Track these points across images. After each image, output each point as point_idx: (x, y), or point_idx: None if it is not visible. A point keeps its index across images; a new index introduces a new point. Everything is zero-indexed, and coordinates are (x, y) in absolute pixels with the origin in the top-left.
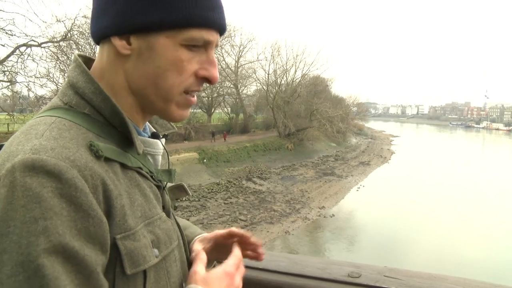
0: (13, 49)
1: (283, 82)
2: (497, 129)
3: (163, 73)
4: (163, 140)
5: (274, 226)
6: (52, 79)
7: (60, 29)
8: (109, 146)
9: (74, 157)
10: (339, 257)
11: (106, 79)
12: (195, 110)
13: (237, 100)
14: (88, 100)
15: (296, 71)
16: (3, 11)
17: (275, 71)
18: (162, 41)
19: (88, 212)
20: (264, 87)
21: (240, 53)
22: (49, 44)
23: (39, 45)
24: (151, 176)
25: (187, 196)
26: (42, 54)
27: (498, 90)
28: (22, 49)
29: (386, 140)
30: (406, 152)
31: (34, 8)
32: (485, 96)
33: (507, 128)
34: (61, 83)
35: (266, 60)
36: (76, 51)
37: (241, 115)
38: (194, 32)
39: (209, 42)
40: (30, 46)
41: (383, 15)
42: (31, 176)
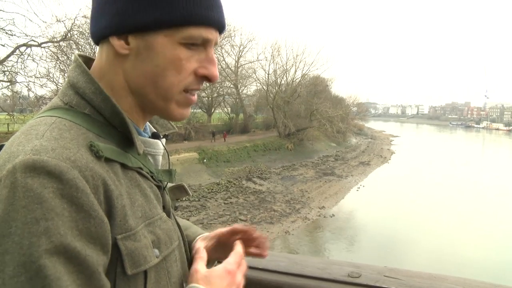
0: (13, 49)
1: (283, 82)
2: (497, 129)
3: (162, 72)
4: (164, 140)
5: (274, 226)
6: (52, 79)
7: (60, 29)
8: (110, 147)
9: (75, 158)
10: (339, 257)
11: (106, 79)
12: (195, 110)
13: (237, 100)
14: (89, 100)
15: (296, 71)
16: (3, 11)
17: (275, 71)
18: (160, 40)
19: (89, 213)
20: (264, 87)
21: (240, 53)
22: (49, 44)
23: (39, 45)
24: (152, 176)
25: (187, 196)
26: (42, 54)
27: (498, 90)
28: (22, 49)
29: (386, 140)
30: (406, 152)
31: (34, 8)
32: (485, 96)
33: (507, 128)
34: (61, 83)
35: (266, 60)
36: (76, 51)
37: (241, 115)
38: (193, 31)
39: (208, 40)
40: (30, 46)
41: (383, 15)
42: (32, 177)
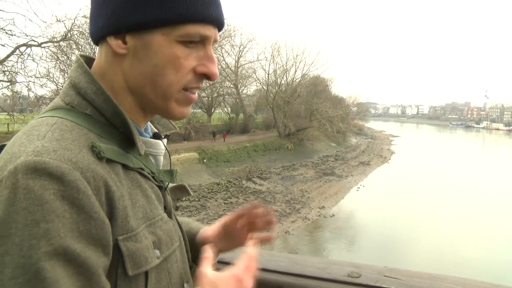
0: (13, 49)
1: (283, 82)
2: (497, 129)
3: (160, 71)
4: (165, 141)
5: (274, 226)
6: (52, 79)
7: (60, 29)
8: (111, 147)
9: (76, 159)
10: (339, 257)
11: (106, 79)
12: (195, 110)
13: (237, 100)
14: (90, 101)
15: (296, 71)
16: (3, 11)
17: (275, 71)
18: (158, 39)
19: (90, 214)
20: (264, 87)
21: (240, 53)
22: (49, 44)
23: (39, 45)
24: (153, 177)
25: (188, 196)
26: (42, 54)
27: (498, 90)
28: (22, 49)
29: (386, 140)
30: (406, 152)
31: (34, 8)
32: (485, 96)
33: (507, 128)
34: (61, 83)
35: (266, 60)
36: (76, 51)
37: (241, 115)
38: (190, 28)
39: (207, 38)
40: (30, 46)
41: (383, 15)
42: (33, 179)
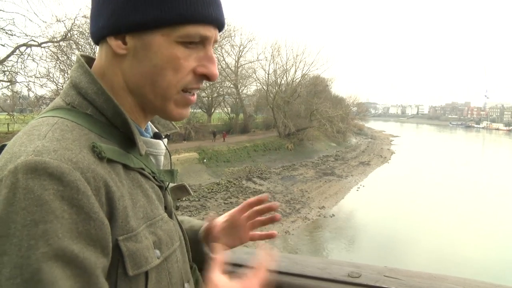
0: (13, 49)
1: (283, 82)
2: (497, 129)
3: (160, 72)
4: (165, 140)
5: (274, 226)
6: (52, 79)
7: (60, 29)
8: (112, 147)
9: (77, 159)
10: (339, 257)
11: (106, 79)
12: (195, 110)
13: (237, 100)
14: (91, 101)
15: (296, 71)
16: (3, 11)
17: (275, 71)
18: (158, 39)
19: (90, 215)
20: (264, 87)
21: (240, 53)
22: (49, 44)
23: (39, 45)
24: (153, 177)
25: (189, 196)
26: (42, 54)
27: (498, 90)
28: (22, 49)
29: (386, 140)
30: (406, 152)
31: (34, 8)
32: (485, 96)
33: (507, 128)
34: (61, 83)
35: (266, 60)
36: (76, 51)
37: (241, 115)
38: (190, 29)
39: (206, 38)
40: (30, 46)
41: (383, 15)
42: (33, 178)
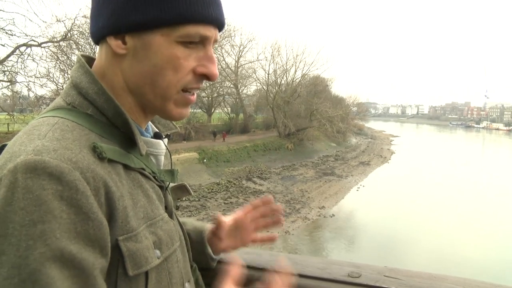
0: (13, 49)
1: (283, 82)
2: (497, 129)
3: (160, 72)
4: (166, 140)
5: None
6: (52, 79)
7: (60, 29)
8: (112, 147)
9: (77, 159)
10: (339, 257)
11: (106, 79)
12: (195, 110)
13: (237, 100)
14: (91, 101)
15: (296, 71)
16: (3, 11)
17: (275, 71)
18: (157, 39)
19: (88, 215)
20: (264, 87)
21: (240, 53)
22: (49, 44)
23: (39, 45)
24: (154, 177)
25: (189, 196)
26: (42, 54)
27: (498, 90)
28: (22, 49)
29: (386, 140)
30: (406, 152)
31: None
32: (485, 96)
33: (507, 128)
34: (61, 83)
35: (266, 60)
36: (77, 51)
37: (241, 115)
38: (190, 28)
39: (206, 38)
40: (30, 46)
41: (383, 15)
42: (33, 178)
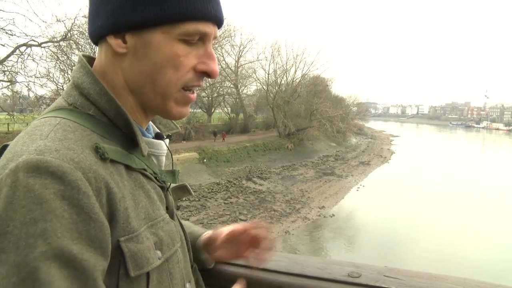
0: (13, 49)
1: (283, 82)
2: (497, 129)
3: (160, 70)
4: (167, 141)
5: (274, 226)
6: (52, 79)
7: (60, 29)
8: (114, 148)
9: (79, 159)
10: (339, 257)
11: (107, 79)
12: (195, 110)
13: (237, 100)
14: (93, 101)
15: (296, 71)
16: (3, 11)
17: (275, 71)
18: (158, 37)
19: (90, 215)
20: (264, 87)
21: (240, 53)
22: (49, 44)
23: (39, 45)
24: (155, 177)
25: (189, 196)
26: (42, 54)
27: (498, 90)
28: (22, 49)
29: (386, 140)
30: (406, 152)
31: (34, 8)
32: (485, 96)
33: (507, 128)
34: (61, 83)
35: (266, 60)
36: (77, 51)
37: (241, 115)
38: (190, 26)
39: (206, 35)
40: (30, 46)
41: (383, 15)
42: (34, 177)
